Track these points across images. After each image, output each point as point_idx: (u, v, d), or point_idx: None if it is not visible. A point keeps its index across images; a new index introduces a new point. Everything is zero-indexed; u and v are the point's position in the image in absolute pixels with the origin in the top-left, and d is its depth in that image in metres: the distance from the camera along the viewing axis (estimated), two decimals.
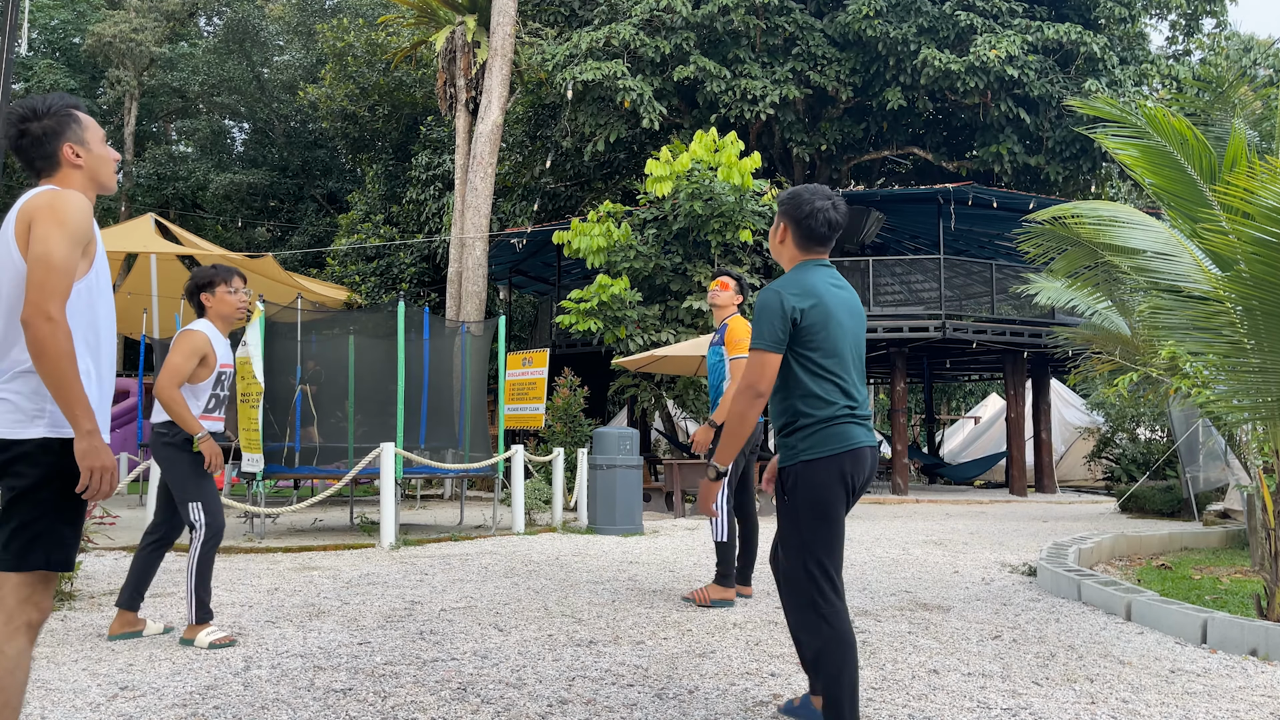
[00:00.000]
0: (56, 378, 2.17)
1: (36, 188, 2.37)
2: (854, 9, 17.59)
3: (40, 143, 2.38)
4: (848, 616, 2.73)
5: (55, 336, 2.17)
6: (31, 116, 2.39)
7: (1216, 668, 4.03)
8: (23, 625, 2.20)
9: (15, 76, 27.20)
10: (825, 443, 2.75)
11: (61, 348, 2.17)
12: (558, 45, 18.22)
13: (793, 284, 2.82)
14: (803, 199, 2.93)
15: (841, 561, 2.76)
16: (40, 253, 2.21)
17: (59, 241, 2.23)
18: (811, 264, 2.92)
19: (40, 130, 2.39)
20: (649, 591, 5.78)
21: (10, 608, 2.19)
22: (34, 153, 2.39)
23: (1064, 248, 6.06)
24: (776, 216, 3.00)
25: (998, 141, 18.20)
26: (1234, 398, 5.00)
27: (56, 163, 2.40)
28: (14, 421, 2.23)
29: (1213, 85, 6.46)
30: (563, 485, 10.27)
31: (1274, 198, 4.08)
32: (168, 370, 4.20)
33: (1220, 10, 19.97)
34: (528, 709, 3.25)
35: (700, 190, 14.15)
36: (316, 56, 28.42)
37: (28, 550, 2.21)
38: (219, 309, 4.41)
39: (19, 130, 2.39)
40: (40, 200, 2.28)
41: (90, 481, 2.21)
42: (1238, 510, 10.28)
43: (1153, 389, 6.97)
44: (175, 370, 4.19)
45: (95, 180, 2.45)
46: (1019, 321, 16.48)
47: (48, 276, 2.20)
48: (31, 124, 2.38)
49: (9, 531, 2.21)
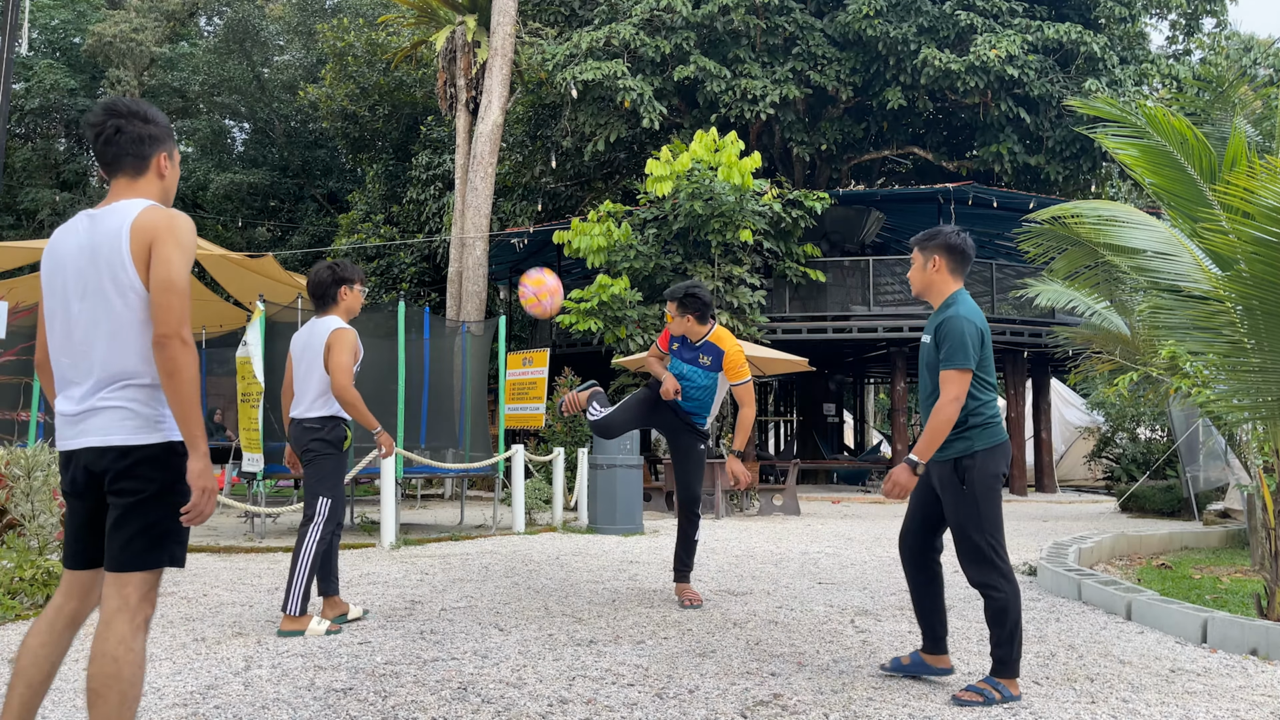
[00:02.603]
0: (184, 397, 2.25)
1: (127, 199, 2.36)
2: (854, 9, 17.58)
3: (141, 143, 2.39)
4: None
5: (187, 358, 2.25)
6: (143, 118, 2.40)
7: (1217, 667, 4.02)
8: (144, 621, 2.30)
9: (15, 76, 27.20)
10: (995, 437, 3.43)
11: (192, 370, 2.26)
12: (558, 45, 18.22)
13: (973, 311, 3.47)
14: (949, 233, 3.59)
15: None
16: (167, 277, 2.26)
17: (181, 265, 2.30)
18: (964, 290, 3.57)
19: (147, 133, 2.40)
20: (649, 591, 5.78)
21: (134, 605, 2.28)
22: (130, 150, 2.38)
23: (1064, 247, 6.06)
24: (924, 252, 3.62)
25: (998, 141, 18.20)
26: (1234, 397, 5.00)
27: (145, 168, 2.41)
28: (135, 428, 2.29)
29: (1213, 85, 6.46)
30: (563, 485, 10.27)
31: (1274, 197, 4.08)
32: (341, 370, 4.36)
33: (1220, 10, 19.96)
34: (528, 708, 3.25)
35: (700, 190, 14.14)
36: (317, 56, 28.41)
37: (153, 549, 2.30)
38: (351, 304, 4.66)
39: (122, 125, 2.37)
40: (159, 220, 2.31)
41: (199, 501, 2.28)
42: (1238, 510, 10.28)
43: (1153, 389, 6.97)
44: (346, 368, 4.37)
45: (168, 196, 2.50)
46: (1019, 321, 16.48)
47: (178, 300, 2.26)
48: (139, 124, 2.39)
49: (131, 533, 2.27)
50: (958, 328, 3.39)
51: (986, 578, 3.39)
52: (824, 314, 16.78)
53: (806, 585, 6.11)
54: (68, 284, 2.34)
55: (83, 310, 2.32)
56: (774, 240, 15.85)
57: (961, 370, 3.36)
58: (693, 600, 5.25)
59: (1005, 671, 3.39)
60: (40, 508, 5.48)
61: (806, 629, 4.68)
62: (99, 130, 2.37)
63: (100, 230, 2.32)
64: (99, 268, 2.30)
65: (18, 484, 5.49)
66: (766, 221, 15.13)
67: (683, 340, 5.32)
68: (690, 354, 5.29)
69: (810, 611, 5.16)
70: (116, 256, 2.29)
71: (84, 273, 2.32)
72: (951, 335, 3.39)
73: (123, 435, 2.29)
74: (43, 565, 4.98)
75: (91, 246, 2.32)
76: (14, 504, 5.47)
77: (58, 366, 2.38)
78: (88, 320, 2.31)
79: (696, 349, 5.27)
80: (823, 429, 21.47)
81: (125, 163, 2.38)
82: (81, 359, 2.32)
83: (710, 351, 5.25)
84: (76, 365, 2.33)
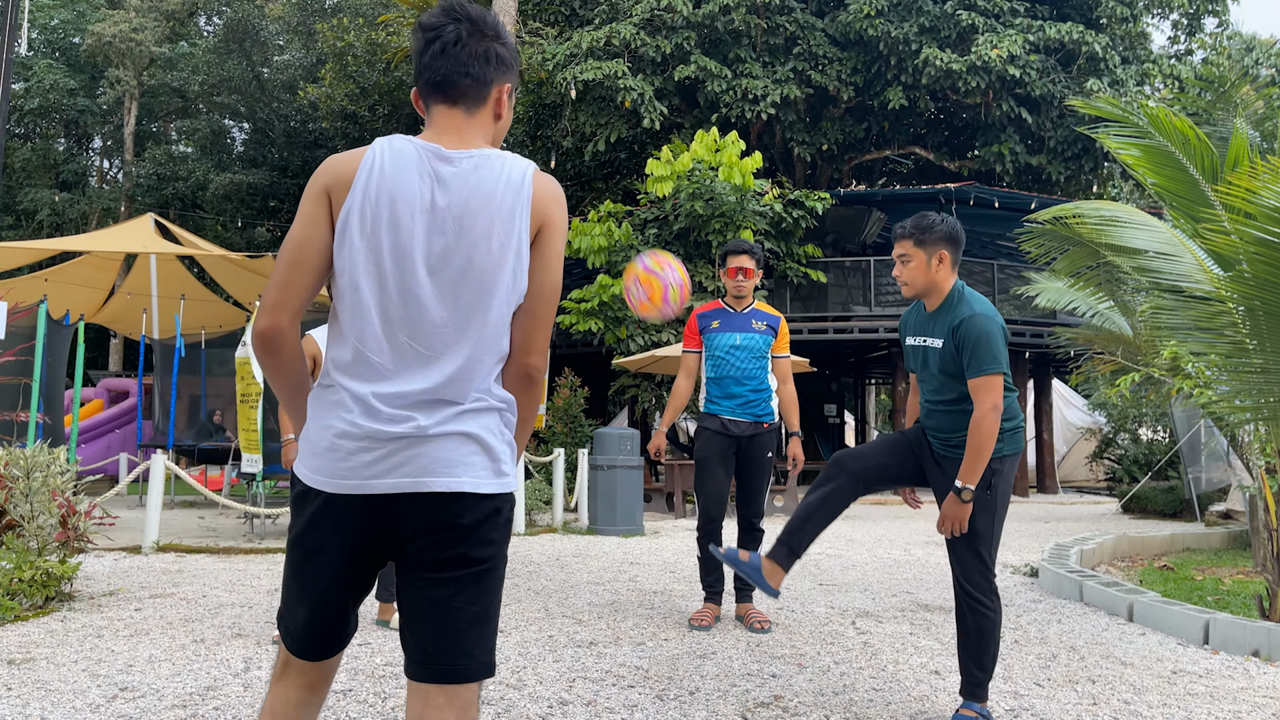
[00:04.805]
0: (534, 413, 1.77)
1: (506, 153, 1.71)
2: (855, 8, 17.57)
3: (488, 63, 1.74)
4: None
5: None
6: (494, 32, 1.75)
7: (1219, 669, 4.01)
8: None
9: (15, 76, 27.21)
10: (1019, 441, 3.22)
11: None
12: (558, 45, 18.21)
13: (989, 307, 3.17)
14: (945, 222, 3.26)
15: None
16: (554, 282, 1.71)
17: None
18: (961, 282, 3.28)
19: (494, 52, 1.75)
20: (650, 592, 5.77)
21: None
22: (478, 73, 1.72)
23: (1066, 248, 6.05)
24: (924, 248, 3.24)
25: (999, 141, 18.19)
26: (1236, 398, 4.99)
27: (482, 101, 1.74)
28: (487, 469, 1.64)
29: (1215, 85, 6.45)
30: (563, 486, 10.26)
31: (1276, 198, 4.07)
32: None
33: (1222, 10, 19.95)
34: (528, 710, 3.24)
35: (701, 190, 14.13)
36: (316, 56, 28.40)
37: (493, 644, 1.68)
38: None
39: (464, 34, 1.72)
40: (556, 195, 1.72)
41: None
42: (1240, 511, 10.26)
43: (1155, 389, 6.96)
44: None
45: (496, 144, 1.81)
46: (1020, 321, 16.46)
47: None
48: (488, 41, 1.74)
49: (489, 625, 1.65)
50: (984, 329, 3.09)
51: (984, 592, 3.17)
52: (825, 314, 16.77)
53: (807, 586, 6.10)
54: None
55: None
56: (775, 240, 15.84)
57: (995, 375, 3.07)
58: (762, 623, 4.64)
59: (983, 694, 3.18)
60: (40, 508, 5.47)
61: (807, 630, 4.67)
62: (433, 35, 1.72)
63: (497, 189, 1.67)
64: (494, 233, 1.69)
65: (17, 485, 5.48)
66: (767, 222, 15.12)
67: (722, 315, 4.89)
68: (741, 321, 4.86)
69: (811, 613, 5.15)
70: (508, 222, 1.67)
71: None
72: (978, 339, 3.08)
73: (477, 479, 1.67)
74: (42, 566, 4.97)
75: (502, 214, 1.69)
76: (13, 505, 5.46)
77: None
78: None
79: (746, 316, 4.86)
80: (824, 430, 21.46)
81: (463, 87, 1.72)
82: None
83: (762, 317, 4.87)
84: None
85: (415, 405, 1.61)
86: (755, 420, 4.82)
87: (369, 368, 1.62)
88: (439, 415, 1.61)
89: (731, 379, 4.83)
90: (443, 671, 1.61)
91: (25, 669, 3.70)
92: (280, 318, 1.63)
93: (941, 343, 3.20)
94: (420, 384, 1.61)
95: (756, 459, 4.84)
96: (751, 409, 4.81)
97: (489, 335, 1.65)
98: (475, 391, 1.64)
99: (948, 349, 3.17)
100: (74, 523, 5.60)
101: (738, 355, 4.82)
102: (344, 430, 1.59)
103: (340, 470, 1.59)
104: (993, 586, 3.18)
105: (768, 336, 4.85)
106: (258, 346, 1.64)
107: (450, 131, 1.71)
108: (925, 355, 3.28)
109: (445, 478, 1.59)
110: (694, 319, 4.98)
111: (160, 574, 6.31)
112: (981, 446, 3.04)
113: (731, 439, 4.84)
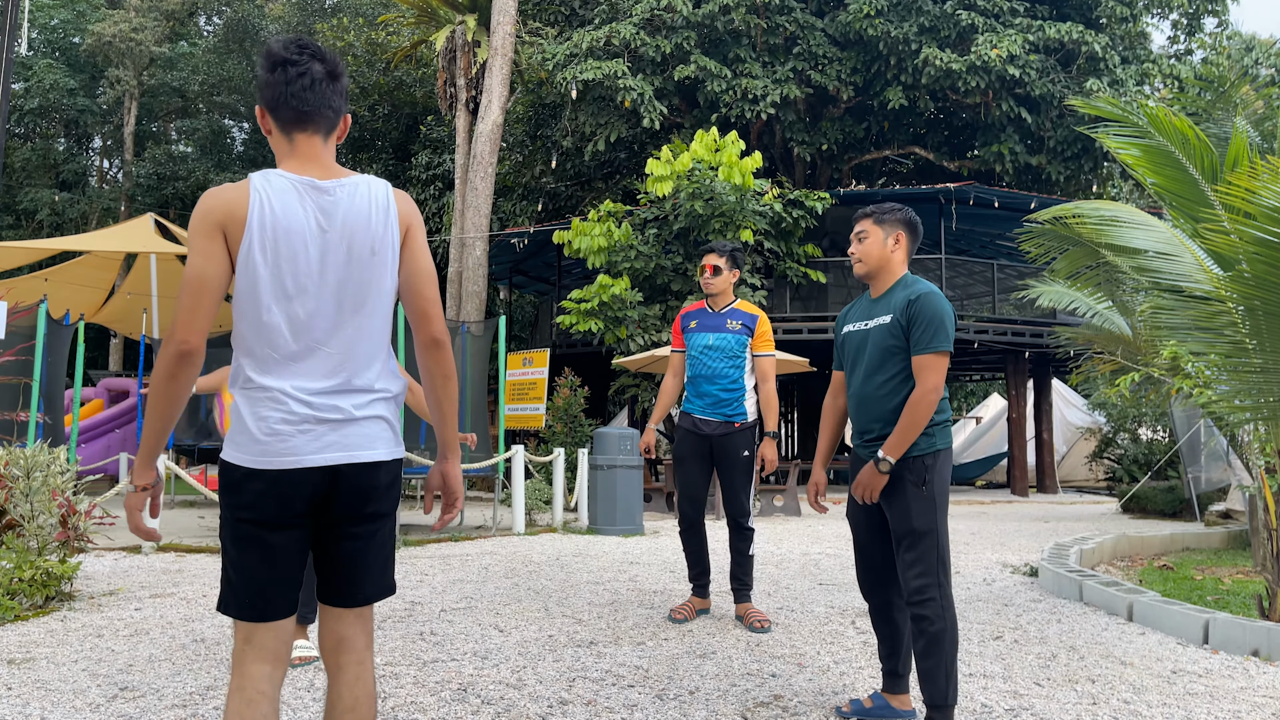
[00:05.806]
0: (453, 400, 2.11)
1: (363, 175, 2.04)
2: (855, 8, 17.57)
3: (346, 97, 2.05)
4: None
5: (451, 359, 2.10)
6: (343, 72, 2.05)
7: (1218, 668, 4.01)
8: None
9: (15, 76, 27.20)
10: (949, 436, 3.12)
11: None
12: (558, 44, 18.21)
13: (939, 292, 3.13)
14: (907, 210, 3.25)
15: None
16: (429, 268, 2.06)
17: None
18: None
19: (347, 88, 2.07)
20: (650, 592, 5.77)
21: (370, 634, 2.07)
22: (337, 104, 2.02)
23: (1065, 248, 6.05)
24: (883, 226, 3.22)
25: (999, 141, 18.19)
26: (1236, 398, 4.99)
27: (334, 128, 2.06)
28: (393, 440, 2.05)
29: (1214, 85, 6.45)
30: (563, 485, 10.26)
31: (1275, 197, 4.07)
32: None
33: (1222, 9, 19.94)
34: (528, 710, 3.24)
35: (701, 190, 14.13)
36: None
37: (392, 570, 2.10)
38: None
39: (321, 72, 1.98)
40: (411, 205, 2.08)
41: (456, 505, 2.18)
42: (1239, 511, 10.27)
43: (1154, 389, 6.96)
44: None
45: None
46: (1020, 322, 16.47)
47: (437, 294, 2.09)
48: (343, 80, 2.04)
49: (386, 556, 2.06)
50: (940, 307, 3.04)
51: (925, 600, 2.96)
52: (825, 314, 16.77)
53: (807, 586, 6.10)
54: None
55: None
56: (775, 240, 15.84)
57: (943, 355, 3.01)
58: (761, 622, 4.65)
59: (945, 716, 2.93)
60: (40, 508, 5.47)
61: (807, 630, 4.67)
62: (299, 70, 1.96)
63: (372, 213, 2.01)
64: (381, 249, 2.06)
65: (17, 484, 5.48)
66: (767, 221, 15.12)
67: (701, 314, 4.99)
68: (716, 321, 4.94)
69: (811, 613, 5.15)
70: (385, 236, 2.03)
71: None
72: (933, 315, 3.03)
73: (389, 449, 2.07)
74: (42, 566, 4.97)
75: (381, 230, 2.04)
76: (13, 504, 5.46)
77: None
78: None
79: (722, 315, 4.94)
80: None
81: (326, 113, 2.00)
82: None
83: (738, 317, 4.93)
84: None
85: (336, 394, 1.96)
86: (726, 420, 4.85)
87: (288, 369, 1.93)
88: (355, 400, 1.98)
89: (703, 378, 4.89)
90: (364, 598, 2.02)
91: (25, 669, 3.71)
92: (198, 338, 1.89)
93: (890, 318, 3.13)
94: (336, 378, 1.96)
95: (731, 458, 4.84)
96: (721, 409, 4.85)
97: (378, 329, 2.02)
98: (379, 380, 2.02)
99: (895, 325, 3.11)
100: (74, 522, 5.60)
101: (710, 355, 4.89)
102: (283, 418, 1.90)
103: (284, 449, 1.90)
104: (938, 595, 2.96)
105: (742, 336, 4.88)
106: (176, 366, 1.87)
107: (312, 160, 2.00)
108: (866, 337, 3.21)
109: (369, 450, 1.97)
110: (678, 319, 5.09)
111: (160, 574, 6.31)
112: (914, 424, 2.99)
113: (703, 438, 4.89)
